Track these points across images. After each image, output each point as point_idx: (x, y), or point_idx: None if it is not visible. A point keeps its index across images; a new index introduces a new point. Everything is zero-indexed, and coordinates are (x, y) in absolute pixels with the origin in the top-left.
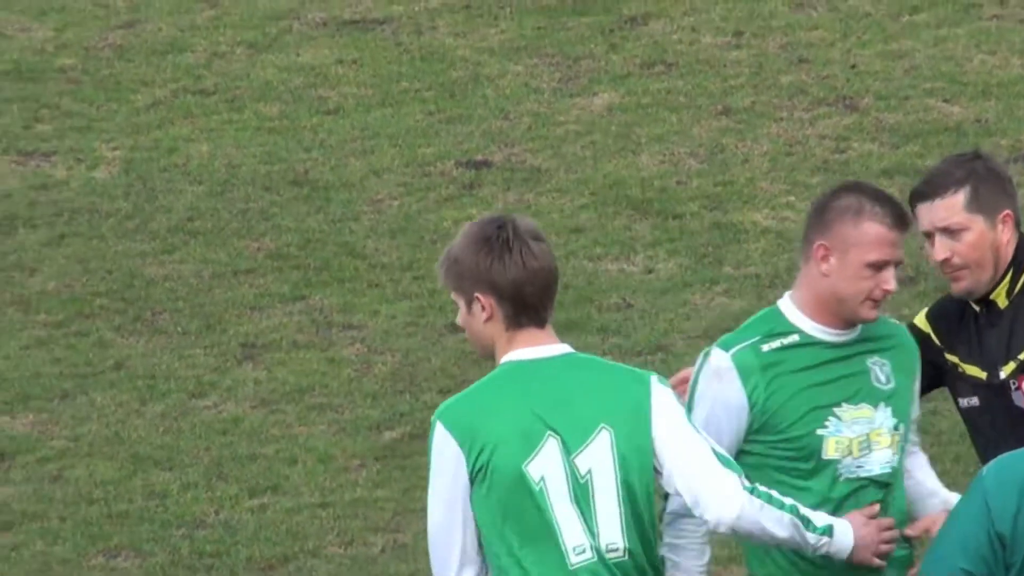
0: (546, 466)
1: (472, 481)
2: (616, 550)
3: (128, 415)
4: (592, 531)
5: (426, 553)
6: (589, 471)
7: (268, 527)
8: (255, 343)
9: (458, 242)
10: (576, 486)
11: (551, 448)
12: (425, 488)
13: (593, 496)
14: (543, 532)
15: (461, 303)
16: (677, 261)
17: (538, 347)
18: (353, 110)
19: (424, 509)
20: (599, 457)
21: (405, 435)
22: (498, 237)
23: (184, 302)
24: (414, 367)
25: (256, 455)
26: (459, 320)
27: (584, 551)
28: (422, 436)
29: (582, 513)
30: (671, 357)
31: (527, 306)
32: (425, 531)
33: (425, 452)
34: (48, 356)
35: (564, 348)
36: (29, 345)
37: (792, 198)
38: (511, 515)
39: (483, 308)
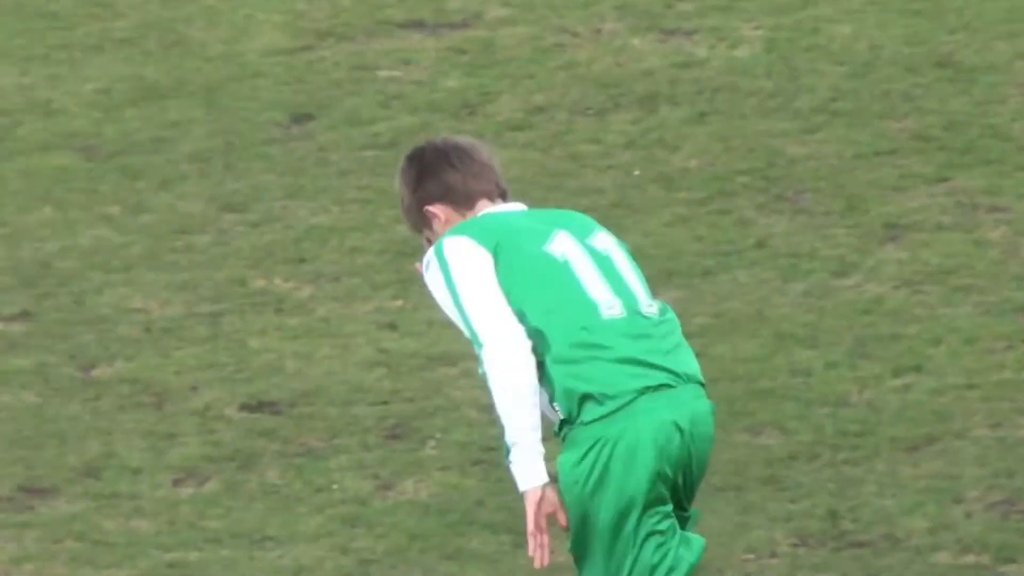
0: (564, 247)
1: (495, 266)
2: (651, 306)
3: (770, 293)
4: (621, 293)
5: None
6: (606, 249)
7: (912, 407)
8: (898, 224)
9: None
10: (598, 259)
11: (563, 236)
12: None
13: (617, 267)
14: (572, 291)
15: (426, 232)
16: None
17: (502, 206)
18: None
19: None
20: (608, 243)
21: None
22: (411, 158)
23: (826, 182)
24: None
25: (899, 335)
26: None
27: (613, 307)
28: None
29: (609, 279)
30: None
31: (469, 190)
32: None
33: None
34: (690, 233)
35: (523, 205)
36: (671, 222)
37: None
38: (538, 281)
39: (437, 217)
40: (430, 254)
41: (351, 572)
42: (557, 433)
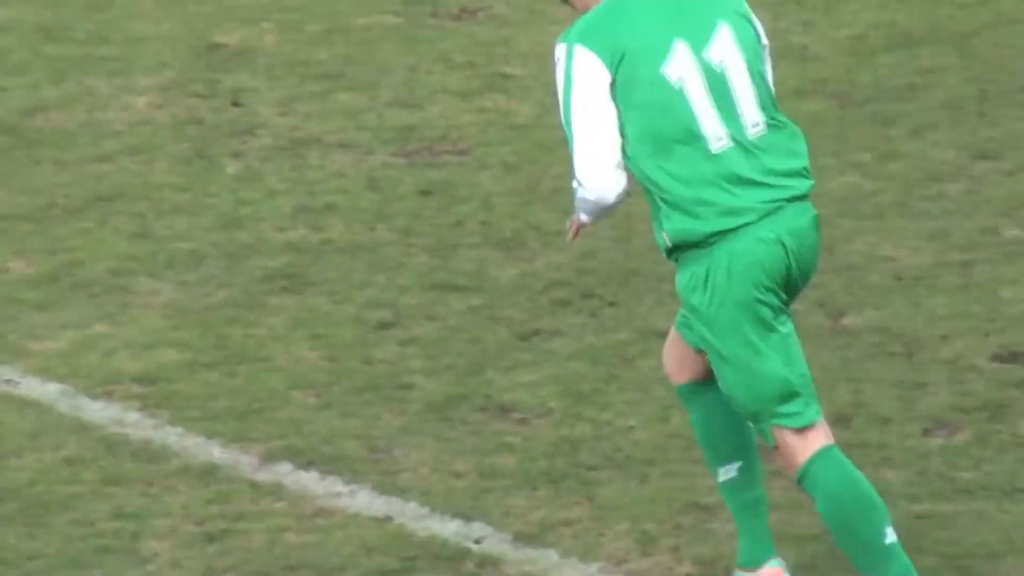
0: (680, 69)
1: (613, 88)
2: (757, 125)
3: None
4: (729, 121)
5: None
6: (721, 62)
7: None
8: None
9: None
10: (711, 78)
11: (682, 50)
12: None
13: (729, 85)
14: (685, 127)
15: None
16: None
17: None
18: None
19: None
20: (725, 48)
21: None
22: None
23: None
24: None
25: None
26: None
27: (722, 139)
28: None
29: (719, 105)
30: None
31: None
32: None
33: None
34: None
35: None
36: None
37: None
38: (653, 116)
39: None
40: (561, 52)
41: None
42: (667, 257)
